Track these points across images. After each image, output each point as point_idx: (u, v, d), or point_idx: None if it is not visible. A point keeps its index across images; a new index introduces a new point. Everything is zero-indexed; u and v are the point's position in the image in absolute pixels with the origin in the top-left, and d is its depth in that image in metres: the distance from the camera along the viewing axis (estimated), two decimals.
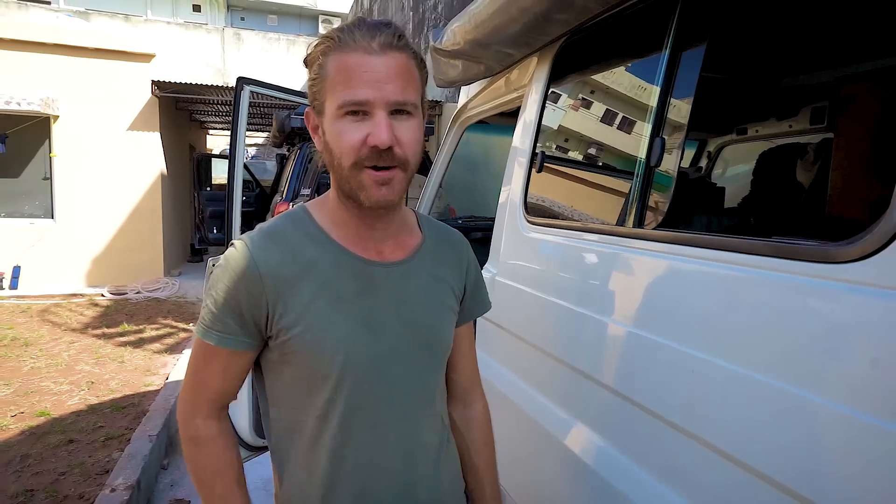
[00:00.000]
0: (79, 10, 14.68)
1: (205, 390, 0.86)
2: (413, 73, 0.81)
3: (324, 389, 0.84)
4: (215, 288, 0.82)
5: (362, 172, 0.79)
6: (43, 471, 2.72)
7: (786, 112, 2.16)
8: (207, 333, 0.83)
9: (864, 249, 0.64)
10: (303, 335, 0.81)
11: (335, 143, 0.79)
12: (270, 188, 7.65)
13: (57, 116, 7.01)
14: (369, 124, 0.77)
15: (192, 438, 0.86)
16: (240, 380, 0.88)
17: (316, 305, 0.82)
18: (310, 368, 0.83)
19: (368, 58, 0.77)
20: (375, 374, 0.86)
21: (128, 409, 3.49)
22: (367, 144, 0.77)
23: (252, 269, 0.80)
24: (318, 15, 19.16)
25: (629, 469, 1.06)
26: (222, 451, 0.87)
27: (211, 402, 0.87)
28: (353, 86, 0.76)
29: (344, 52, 0.78)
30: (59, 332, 5.22)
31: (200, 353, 0.85)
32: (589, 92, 1.53)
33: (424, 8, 9.08)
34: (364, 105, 0.76)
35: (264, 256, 0.82)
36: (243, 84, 1.87)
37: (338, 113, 0.78)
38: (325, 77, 0.79)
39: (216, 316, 0.82)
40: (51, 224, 7.21)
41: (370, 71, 0.76)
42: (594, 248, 1.25)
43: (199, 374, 0.87)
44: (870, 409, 0.62)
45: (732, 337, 0.84)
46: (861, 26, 1.46)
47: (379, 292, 0.87)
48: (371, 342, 0.85)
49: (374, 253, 0.88)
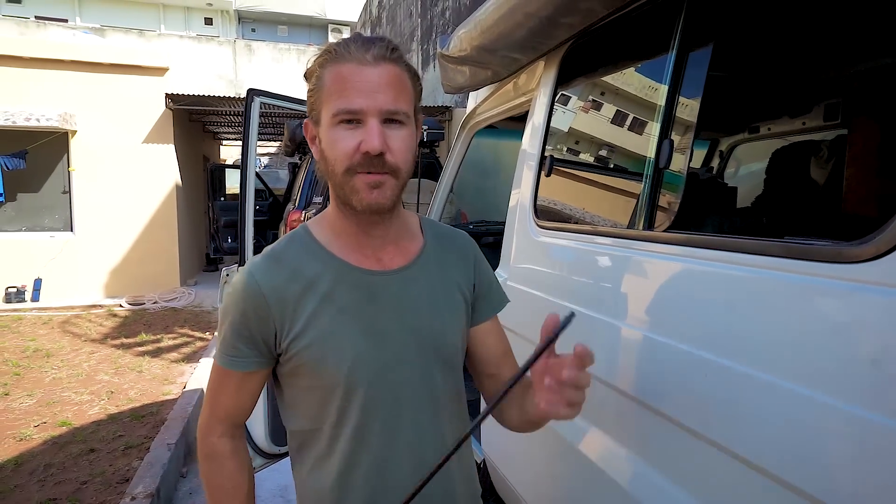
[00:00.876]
0: (95, 27, 15.02)
1: (219, 409, 0.93)
2: (406, 84, 0.83)
3: (334, 398, 0.86)
4: (226, 314, 0.88)
5: (355, 177, 0.81)
6: (65, 480, 2.76)
7: (798, 109, 2.14)
8: (221, 358, 0.89)
9: (877, 249, 0.63)
10: (309, 348, 0.85)
11: (330, 150, 0.82)
12: (283, 197, 7.72)
13: (75, 131, 7.15)
14: (362, 132, 0.79)
15: (207, 455, 0.93)
16: (253, 398, 0.94)
17: (319, 319, 0.85)
18: (319, 379, 0.86)
19: (362, 68, 0.79)
20: (382, 381, 0.88)
21: (147, 417, 3.54)
22: (360, 151, 0.79)
23: (256, 292, 0.85)
24: (328, 24, 19.34)
25: (643, 472, 1.05)
26: (234, 471, 0.93)
27: (225, 421, 0.93)
28: (347, 94, 0.79)
29: (339, 64, 0.81)
30: (80, 343, 5.31)
31: (215, 375, 0.92)
32: (597, 94, 1.53)
33: (432, 14, 9.13)
34: (357, 113, 0.79)
35: (267, 278, 0.86)
36: (253, 96, 1.90)
37: (333, 121, 0.81)
38: (322, 88, 0.82)
39: (228, 341, 0.88)
40: (70, 237, 7.34)
41: (363, 80, 0.79)
42: (605, 252, 1.25)
43: (214, 394, 0.93)
44: (885, 409, 0.61)
45: (745, 339, 0.83)
46: (872, 21, 1.44)
47: (380, 301, 0.88)
48: (375, 350, 0.87)
49: (373, 261, 0.90)
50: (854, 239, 0.69)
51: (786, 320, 0.76)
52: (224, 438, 0.93)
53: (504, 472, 1.73)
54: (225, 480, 0.92)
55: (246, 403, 0.93)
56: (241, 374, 0.88)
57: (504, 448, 1.73)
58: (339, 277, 0.87)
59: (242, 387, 0.90)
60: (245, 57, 15.19)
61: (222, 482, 0.92)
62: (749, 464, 0.80)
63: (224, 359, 0.88)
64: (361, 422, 0.87)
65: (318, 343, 0.84)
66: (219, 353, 0.89)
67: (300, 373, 0.87)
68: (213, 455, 0.92)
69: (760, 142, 2.24)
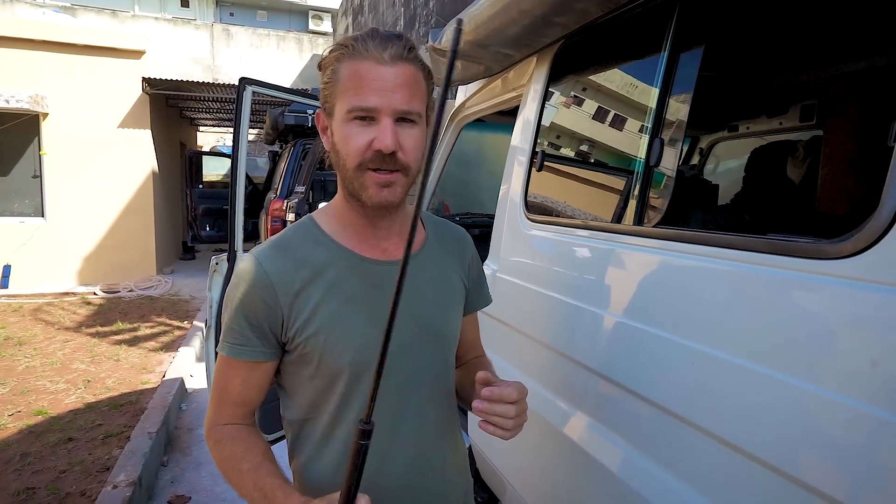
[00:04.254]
0: (65, 6, 14.50)
1: (227, 400, 0.90)
2: (420, 84, 0.85)
3: (339, 385, 0.88)
4: (230, 303, 0.87)
5: (365, 174, 0.83)
6: (43, 469, 2.73)
7: (776, 110, 2.21)
8: (227, 347, 0.87)
9: (856, 245, 0.68)
10: (316, 336, 0.85)
11: (342, 145, 0.84)
12: (263, 185, 7.63)
13: (46, 114, 6.94)
14: (375, 129, 0.81)
15: (216, 441, 0.90)
16: (262, 389, 0.91)
17: (327, 307, 0.86)
18: (325, 367, 0.87)
19: (379, 67, 0.81)
20: (388, 368, 0.89)
21: (125, 406, 3.50)
22: (372, 148, 0.81)
23: (264, 280, 0.85)
24: (308, 10, 19.00)
25: (629, 457, 1.10)
26: (248, 436, 0.89)
27: (234, 409, 0.91)
28: (363, 92, 0.80)
29: (356, 60, 0.82)
30: (53, 332, 5.20)
31: (222, 366, 0.90)
32: (587, 92, 1.57)
33: (416, 4, 9.07)
34: (371, 111, 0.80)
35: (274, 266, 0.86)
36: (245, 84, 1.89)
37: (347, 116, 0.82)
38: (337, 82, 0.83)
39: (234, 330, 0.86)
40: (41, 222, 7.14)
41: (379, 79, 0.80)
42: (594, 245, 1.29)
43: (221, 386, 0.91)
44: (869, 398, 0.66)
45: (720, 326, 0.88)
46: (848, 28, 1.50)
47: (387, 289, 0.90)
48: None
49: (379, 252, 0.92)
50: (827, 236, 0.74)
51: (766, 312, 0.81)
52: (233, 424, 0.90)
53: (490, 457, 1.78)
54: (238, 445, 0.87)
55: (254, 394, 0.91)
56: (248, 364, 0.87)
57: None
58: (347, 267, 0.89)
59: (249, 378, 0.88)
60: (223, 42, 14.85)
61: (235, 448, 0.87)
62: (722, 441, 0.85)
63: (230, 348, 0.87)
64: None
65: (325, 330, 0.86)
66: (224, 342, 0.87)
67: (306, 360, 0.87)
68: (221, 440, 0.89)
69: (740, 140, 2.32)
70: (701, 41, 1.15)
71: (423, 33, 8.75)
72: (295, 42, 15.12)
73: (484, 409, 0.81)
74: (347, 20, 15.05)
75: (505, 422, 0.82)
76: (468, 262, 1.05)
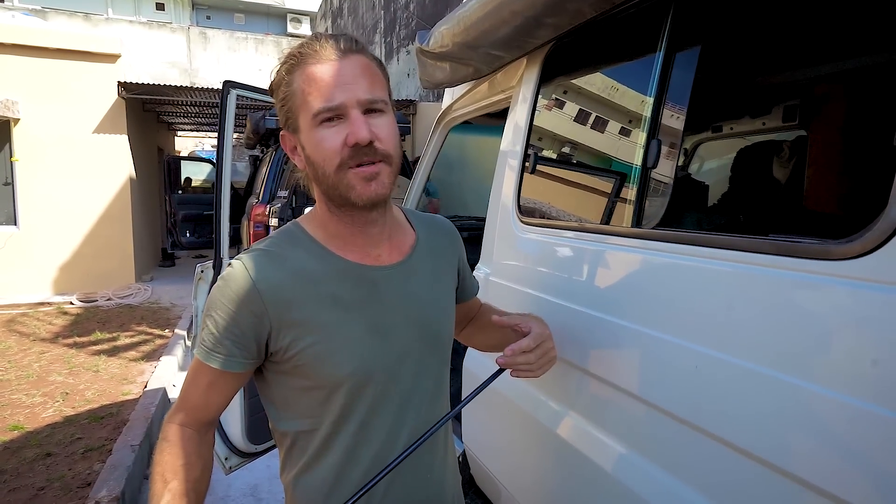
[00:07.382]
0: (35, 9, 14.16)
1: (189, 401, 0.87)
2: (377, 72, 0.84)
3: (338, 396, 0.85)
4: (214, 310, 0.83)
5: (348, 173, 0.80)
6: (20, 486, 2.63)
7: (760, 110, 2.24)
8: (201, 351, 0.84)
9: (864, 246, 0.67)
10: (313, 347, 0.82)
11: (316, 153, 0.81)
12: (244, 190, 7.52)
13: (18, 119, 6.75)
14: (346, 126, 0.79)
15: (163, 439, 0.85)
16: (228, 397, 0.88)
17: (322, 317, 0.83)
18: (323, 378, 0.84)
19: (332, 63, 0.80)
20: (391, 376, 0.88)
21: (106, 419, 3.40)
22: (348, 145, 0.79)
23: (252, 290, 0.81)
24: (287, 13, 18.87)
25: (624, 456, 1.09)
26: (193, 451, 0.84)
27: (191, 414, 0.87)
28: (325, 92, 0.79)
29: (308, 65, 0.80)
30: (28, 343, 5.05)
31: (192, 366, 0.87)
32: (580, 94, 1.56)
33: (396, 6, 9.05)
34: (338, 109, 0.79)
35: (263, 276, 0.82)
36: (229, 88, 1.85)
37: (314, 122, 0.80)
38: (294, 94, 0.81)
39: (213, 335, 0.82)
40: (13, 231, 6.94)
41: (337, 75, 0.79)
42: (589, 247, 1.28)
43: (188, 386, 0.88)
44: (872, 398, 0.66)
45: (717, 327, 0.88)
46: (833, 27, 1.52)
47: (384, 296, 0.88)
48: (383, 346, 0.87)
49: (372, 258, 0.90)
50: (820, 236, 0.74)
51: (768, 313, 0.80)
52: (186, 429, 0.86)
53: (485, 463, 1.76)
54: (175, 459, 0.82)
55: (217, 401, 0.87)
56: (217, 371, 0.83)
57: (485, 439, 1.76)
58: (341, 275, 0.86)
59: (216, 384, 0.85)
60: (200, 45, 14.64)
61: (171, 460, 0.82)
62: (721, 441, 0.85)
63: (204, 353, 0.83)
64: (367, 418, 0.87)
65: (322, 341, 0.83)
66: (199, 345, 0.84)
67: (300, 372, 0.84)
68: (168, 438, 0.84)
69: (726, 140, 2.34)
70: (697, 42, 1.15)
71: (404, 36, 8.74)
72: (274, 45, 14.98)
73: (506, 363, 0.92)
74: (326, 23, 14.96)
75: (529, 367, 0.94)
76: (458, 255, 1.06)
